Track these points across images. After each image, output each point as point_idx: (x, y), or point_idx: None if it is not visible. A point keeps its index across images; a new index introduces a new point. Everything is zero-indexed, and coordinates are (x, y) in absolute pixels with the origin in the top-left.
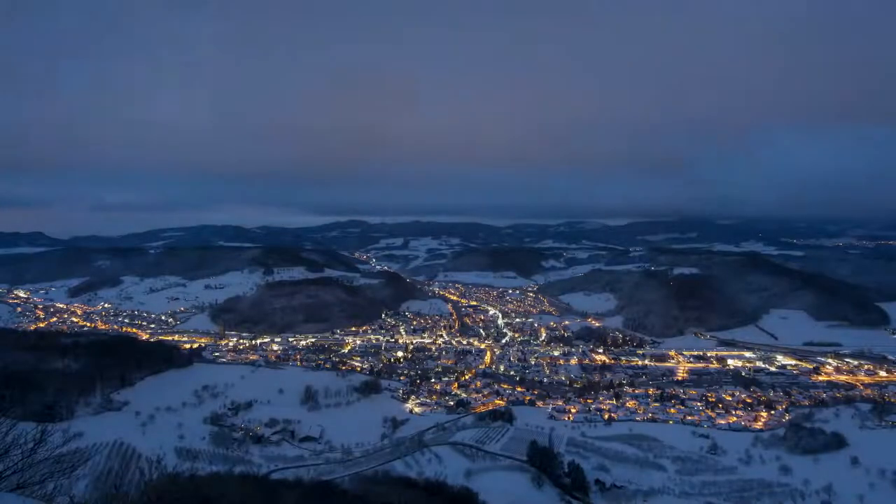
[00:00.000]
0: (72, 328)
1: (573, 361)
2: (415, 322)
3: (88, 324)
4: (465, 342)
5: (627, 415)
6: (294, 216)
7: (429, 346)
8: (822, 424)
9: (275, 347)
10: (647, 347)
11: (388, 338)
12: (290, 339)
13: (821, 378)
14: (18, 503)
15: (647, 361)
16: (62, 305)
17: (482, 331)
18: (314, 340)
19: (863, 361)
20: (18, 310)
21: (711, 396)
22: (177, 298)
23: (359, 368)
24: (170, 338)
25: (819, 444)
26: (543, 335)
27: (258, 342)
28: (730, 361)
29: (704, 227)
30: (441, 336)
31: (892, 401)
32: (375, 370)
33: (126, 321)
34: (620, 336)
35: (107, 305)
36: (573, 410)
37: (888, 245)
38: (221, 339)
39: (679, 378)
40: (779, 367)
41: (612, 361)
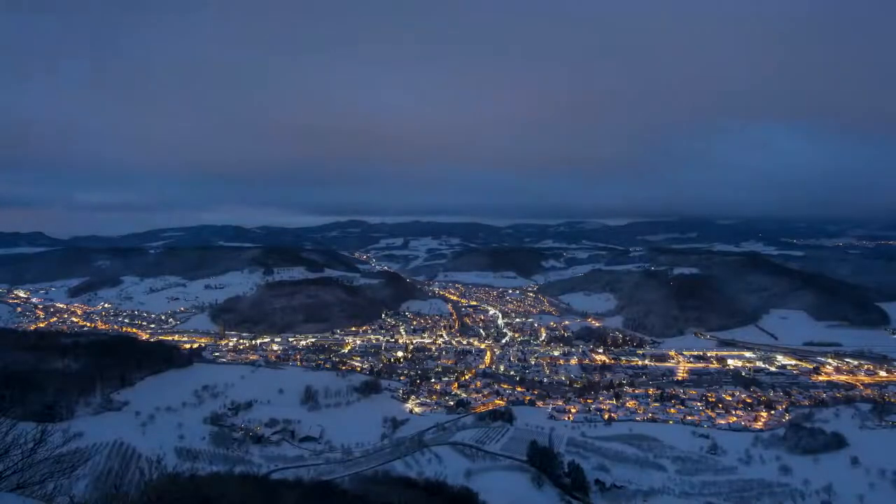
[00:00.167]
0: (72, 328)
1: (573, 361)
2: (415, 322)
3: (88, 324)
4: (465, 342)
5: (627, 415)
6: (294, 216)
7: (429, 346)
8: (822, 424)
9: (275, 347)
10: (647, 347)
11: (388, 338)
12: (290, 339)
13: (821, 378)
14: (18, 503)
15: (647, 361)
16: (62, 305)
17: (482, 331)
18: (314, 340)
19: (863, 361)
20: (18, 310)
21: (711, 396)
22: (177, 298)
23: (359, 368)
24: (170, 338)
25: (819, 444)
26: (543, 335)
27: (258, 342)
28: (730, 361)
29: (704, 227)
30: (441, 336)
31: (892, 401)
32: (375, 370)
33: (126, 321)
34: (620, 336)
35: (107, 305)
36: (573, 410)
37: (888, 245)
38: (221, 339)
39: (679, 378)
40: (779, 367)
41: (612, 361)
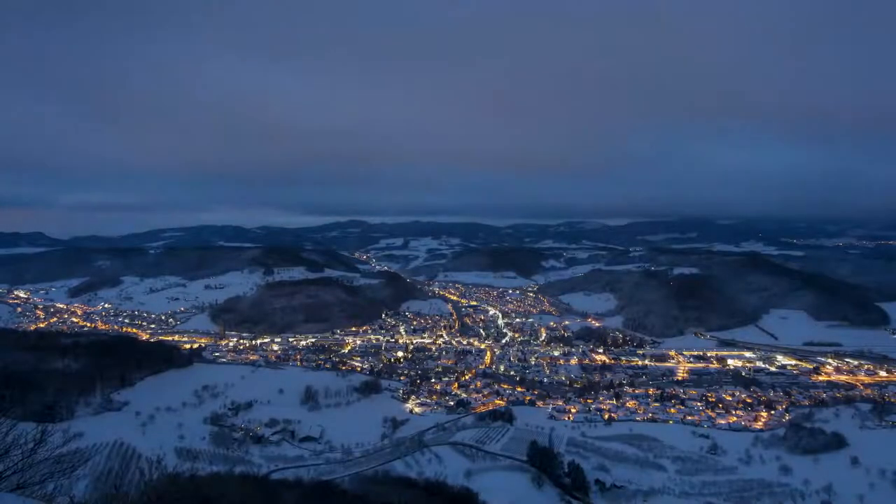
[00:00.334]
0: (72, 328)
1: (573, 361)
2: (415, 322)
3: (88, 324)
4: (465, 342)
5: (627, 415)
6: (294, 216)
7: (429, 346)
8: (822, 424)
9: (275, 347)
10: (647, 347)
11: (388, 338)
12: (290, 339)
13: (821, 378)
14: (18, 503)
15: (647, 361)
16: (62, 305)
17: (482, 331)
18: (314, 340)
19: (863, 361)
20: (18, 310)
21: (711, 396)
22: (177, 298)
23: (359, 368)
24: (170, 338)
25: (819, 444)
26: (543, 335)
27: (258, 342)
28: (730, 361)
29: (704, 227)
30: (441, 336)
31: (892, 401)
32: (375, 370)
33: (126, 321)
34: (620, 336)
35: (107, 305)
36: (573, 410)
37: (888, 245)
38: (221, 340)
39: (679, 378)
40: (779, 367)
41: (612, 361)
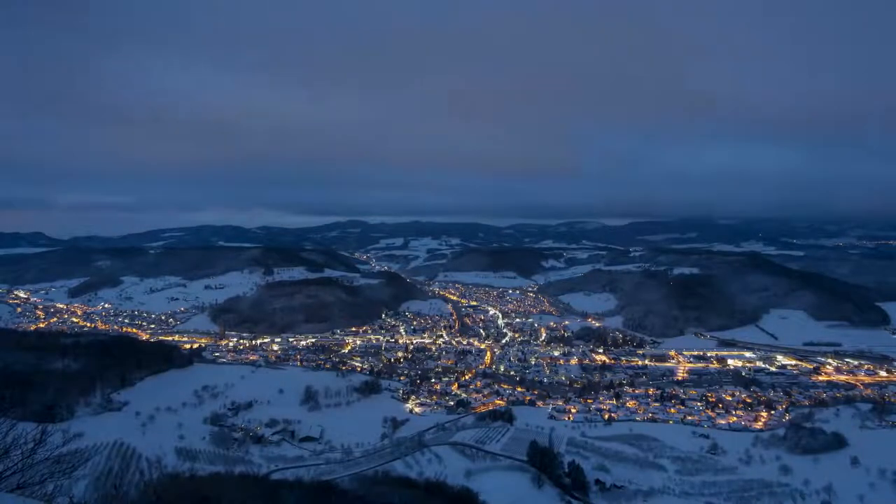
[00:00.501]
0: (72, 328)
1: (573, 361)
2: (415, 322)
3: (88, 324)
4: (465, 342)
5: (627, 415)
6: (294, 216)
7: (429, 347)
8: (822, 424)
9: (275, 347)
10: (647, 347)
11: (388, 338)
12: (290, 340)
13: (821, 378)
14: (18, 503)
15: (647, 361)
16: (62, 305)
17: (482, 331)
18: (314, 340)
19: (863, 361)
20: (18, 310)
21: (711, 396)
22: (177, 298)
23: (359, 368)
24: (170, 338)
25: (819, 444)
26: (543, 335)
27: (258, 342)
28: (730, 361)
29: (704, 227)
30: (441, 336)
31: (893, 401)
32: (375, 370)
33: (126, 321)
34: (620, 336)
35: (107, 305)
36: (573, 410)
37: (888, 245)
38: (221, 340)
39: (679, 378)
40: (779, 367)
41: (612, 361)
